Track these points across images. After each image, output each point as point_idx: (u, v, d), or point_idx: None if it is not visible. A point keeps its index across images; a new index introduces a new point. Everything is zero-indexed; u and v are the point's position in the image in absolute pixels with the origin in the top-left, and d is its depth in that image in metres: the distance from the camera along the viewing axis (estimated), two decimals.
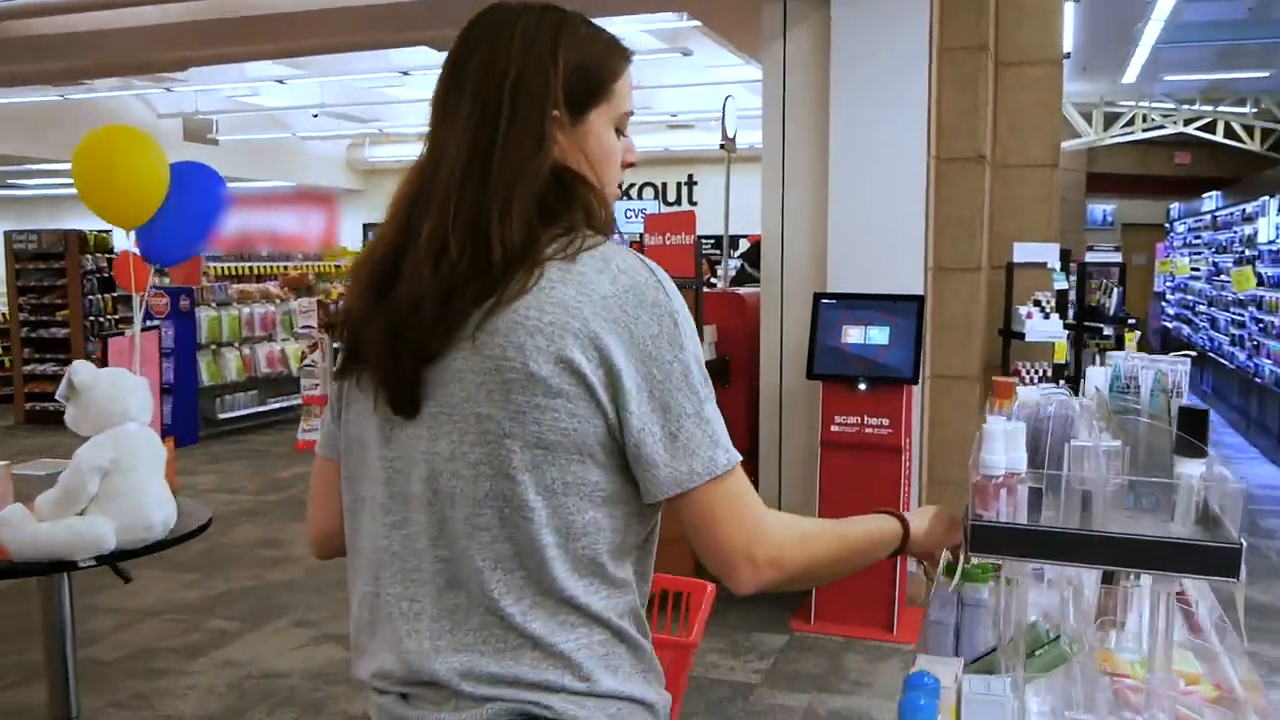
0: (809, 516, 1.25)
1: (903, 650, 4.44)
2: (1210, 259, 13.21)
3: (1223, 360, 11.30)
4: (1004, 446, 1.26)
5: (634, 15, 8.24)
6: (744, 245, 10.60)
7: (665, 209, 16.07)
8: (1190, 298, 14.35)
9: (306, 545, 1.42)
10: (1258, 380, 9.48)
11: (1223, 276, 12.32)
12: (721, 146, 5.89)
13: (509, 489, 1.11)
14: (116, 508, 2.73)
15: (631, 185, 18.24)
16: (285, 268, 12.66)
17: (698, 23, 8.31)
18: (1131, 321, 5.47)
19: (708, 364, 4.89)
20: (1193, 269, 14.36)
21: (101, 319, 11.21)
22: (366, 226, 17.57)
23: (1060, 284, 5.02)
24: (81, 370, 2.89)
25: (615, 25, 6.77)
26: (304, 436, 9.52)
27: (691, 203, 17.63)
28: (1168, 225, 17.31)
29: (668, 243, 4.94)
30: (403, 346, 1.13)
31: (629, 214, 14.16)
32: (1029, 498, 1.28)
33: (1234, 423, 10.21)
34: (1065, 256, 5.27)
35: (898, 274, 4.79)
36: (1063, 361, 5.12)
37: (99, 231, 11.27)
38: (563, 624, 1.13)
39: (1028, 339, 4.95)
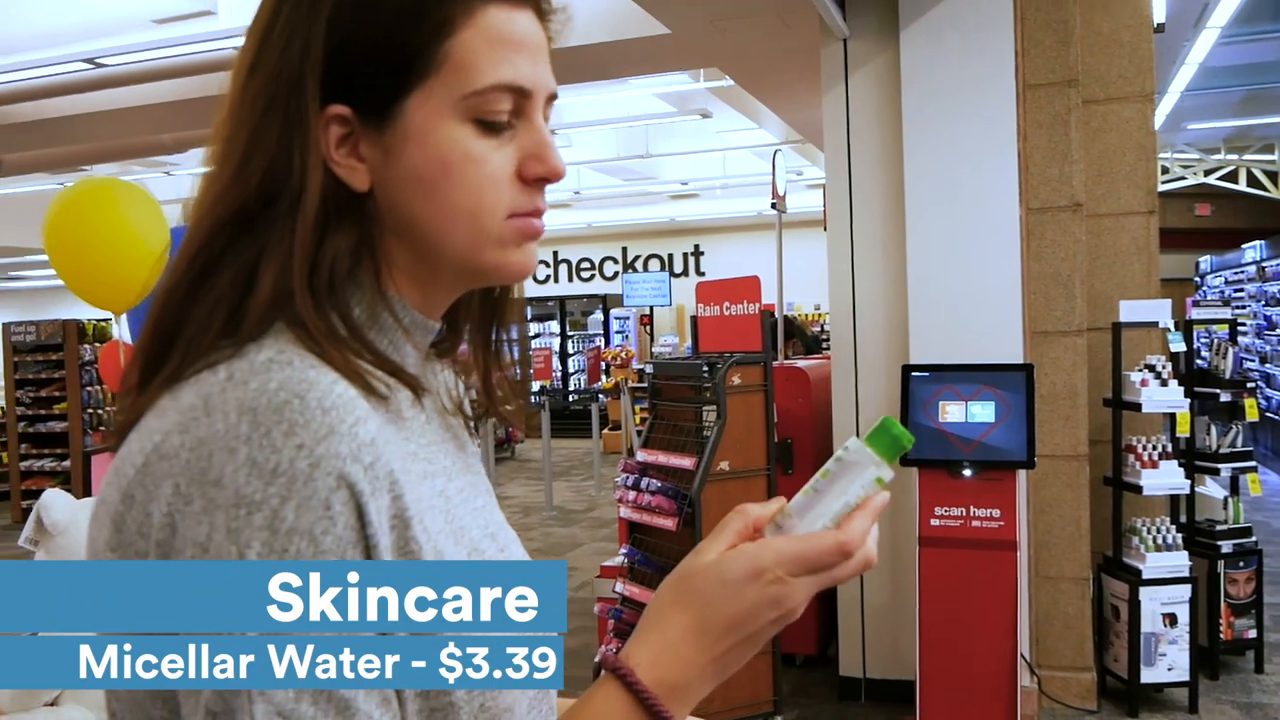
0: None
1: None
2: (1259, 312, 12.63)
3: None
4: None
5: (657, 75, 7.80)
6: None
7: (674, 280, 15.56)
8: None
9: None
10: None
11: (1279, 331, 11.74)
12: (773, 206, 5.34)
13: None
14: (95, 695, 2.09)
15: (636, 257, 17.83)
16: None
17: (711, 84, 7.88)
18: (1250, 385, 4.86)
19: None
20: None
21: (101, 411, 10.68)
22: None
23: (1177, 345, 4.41)
24: (55, 507, 2.27)
25: (628, 90, 6.27)
26: None
27: (699, 273, 17.16)
28: (1198, 279, 16.78)
29: (727, 313, 4.35)
30: None
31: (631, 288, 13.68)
32: None
33: None
34: None
35: (993, 341, 4.18)
36: (1187, 434, 4.49)
37: (98, 320, 10.78)
38: None
39: (1144, 409, 4.34)
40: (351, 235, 0.72)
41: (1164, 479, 4.39)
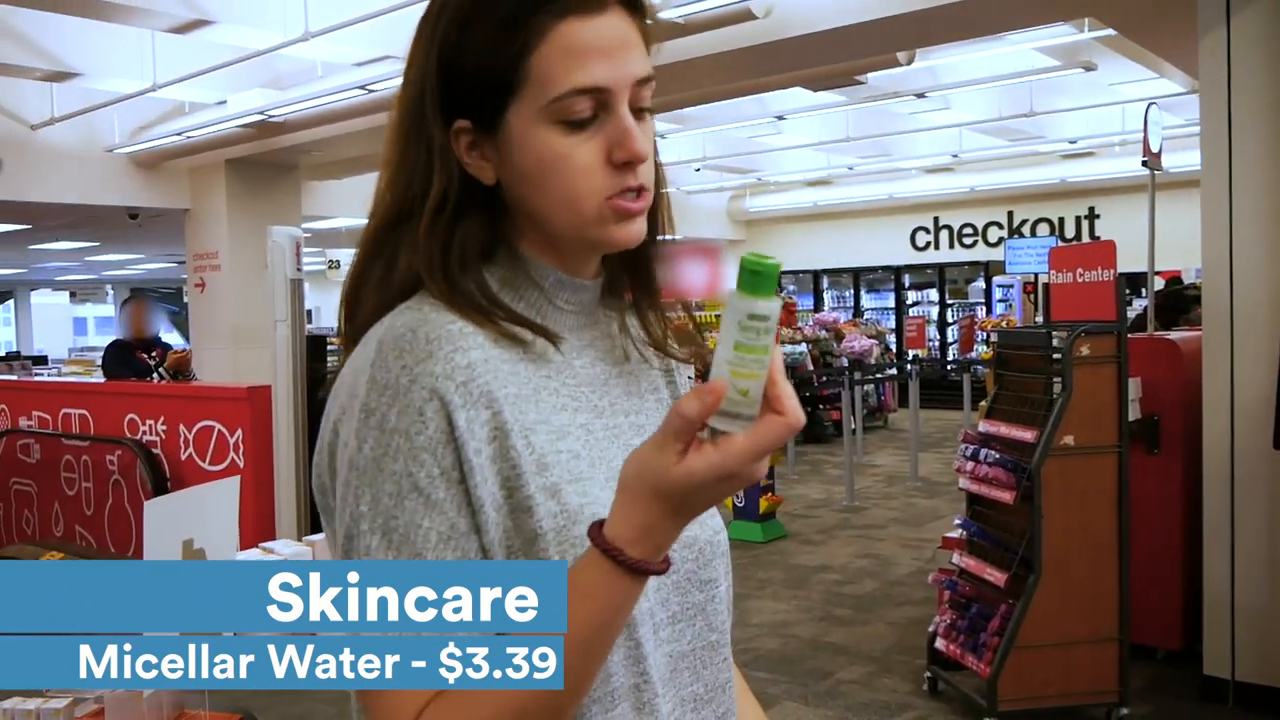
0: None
1: None
2: None
3: None
4: None
5: (1025, 30, 7.36)
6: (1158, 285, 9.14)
7: (1062, 245, 14.53)
8: None
9: None
10: None
11: None
12: (1144, 163, 4.92)
13: None
14: None
15: (1024, 221, 16.85)
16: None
17: (1098, 34, 7.28)
18: None
19: (1133, 424, 3.96)
20: None
21: None
22: None
23: None
24: None
25: (1005, 46, 5.95)
26: None
27: (1093, 238, 15.89)
28: None
29: (1080, 280, 4.11)
30: None
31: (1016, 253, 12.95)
32: None
33: None
34: None
35: None
36: None
37: None
38: None
39: None
40: (479, 220, 0.90)
41: None
